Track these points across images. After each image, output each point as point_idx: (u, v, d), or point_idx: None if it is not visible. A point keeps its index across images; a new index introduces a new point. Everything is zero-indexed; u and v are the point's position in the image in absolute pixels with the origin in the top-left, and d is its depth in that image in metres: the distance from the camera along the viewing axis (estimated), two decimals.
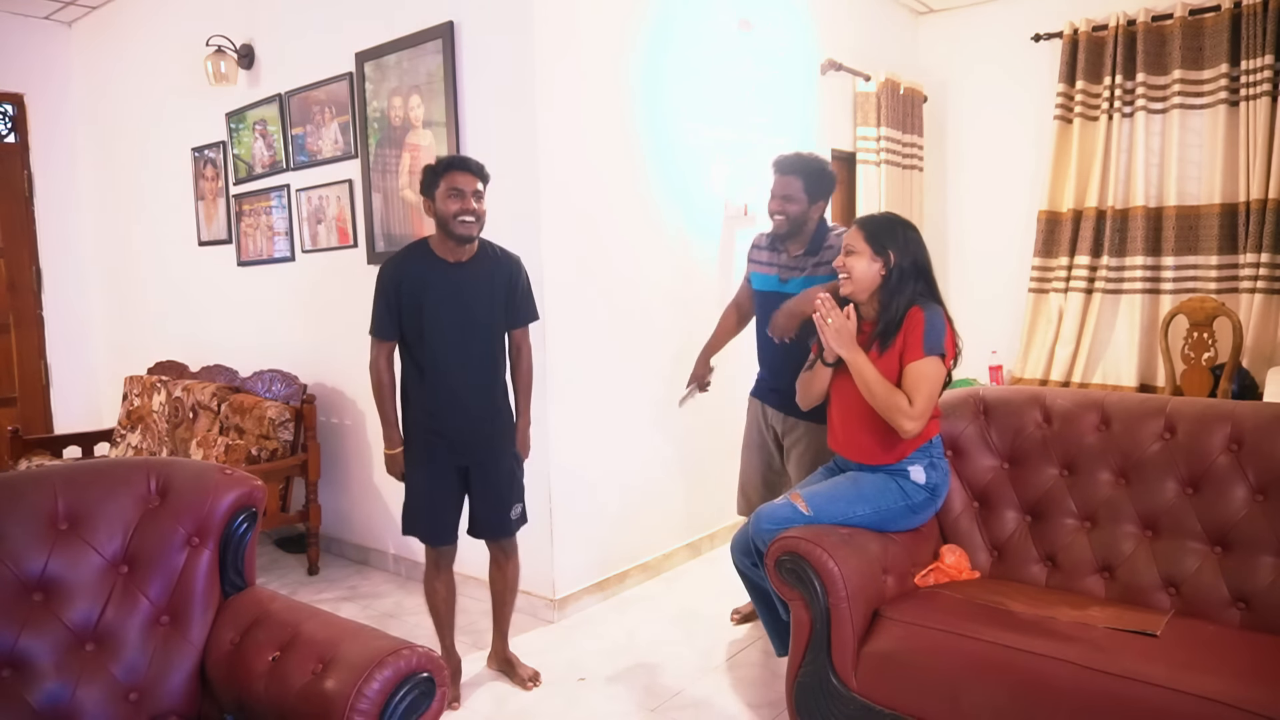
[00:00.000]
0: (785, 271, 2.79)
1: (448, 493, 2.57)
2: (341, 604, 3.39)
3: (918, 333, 2.17)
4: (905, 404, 2.13)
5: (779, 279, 2.80)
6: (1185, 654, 1.79)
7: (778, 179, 2.74)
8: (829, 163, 2.82)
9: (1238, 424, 2.12)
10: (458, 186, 2.38)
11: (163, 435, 4.21)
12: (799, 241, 2.78)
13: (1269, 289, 4.16)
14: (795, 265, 2.78)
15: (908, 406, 2.13)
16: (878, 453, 2.26)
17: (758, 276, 2.90)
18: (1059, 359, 4.75)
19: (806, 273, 2.74)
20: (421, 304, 2.45)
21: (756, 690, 2.62)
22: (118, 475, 1.79)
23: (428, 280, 2.45)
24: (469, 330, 2.49)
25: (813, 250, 2.75)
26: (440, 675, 1.51)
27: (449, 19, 3.21)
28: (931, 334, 2.16)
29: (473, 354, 2.51)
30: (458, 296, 2.46)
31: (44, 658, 1.59)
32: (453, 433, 2.51)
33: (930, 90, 5.26)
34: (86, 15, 5.11)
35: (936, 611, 2.05)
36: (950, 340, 2.22)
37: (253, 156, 4.20)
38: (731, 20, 3.86)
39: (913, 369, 2.16)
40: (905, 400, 2.14)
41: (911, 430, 2.15)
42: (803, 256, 2.76)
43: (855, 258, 2.26)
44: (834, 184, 2.79)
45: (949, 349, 2.21)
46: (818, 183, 2.72)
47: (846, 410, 2.31)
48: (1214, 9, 4.28)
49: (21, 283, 5.17)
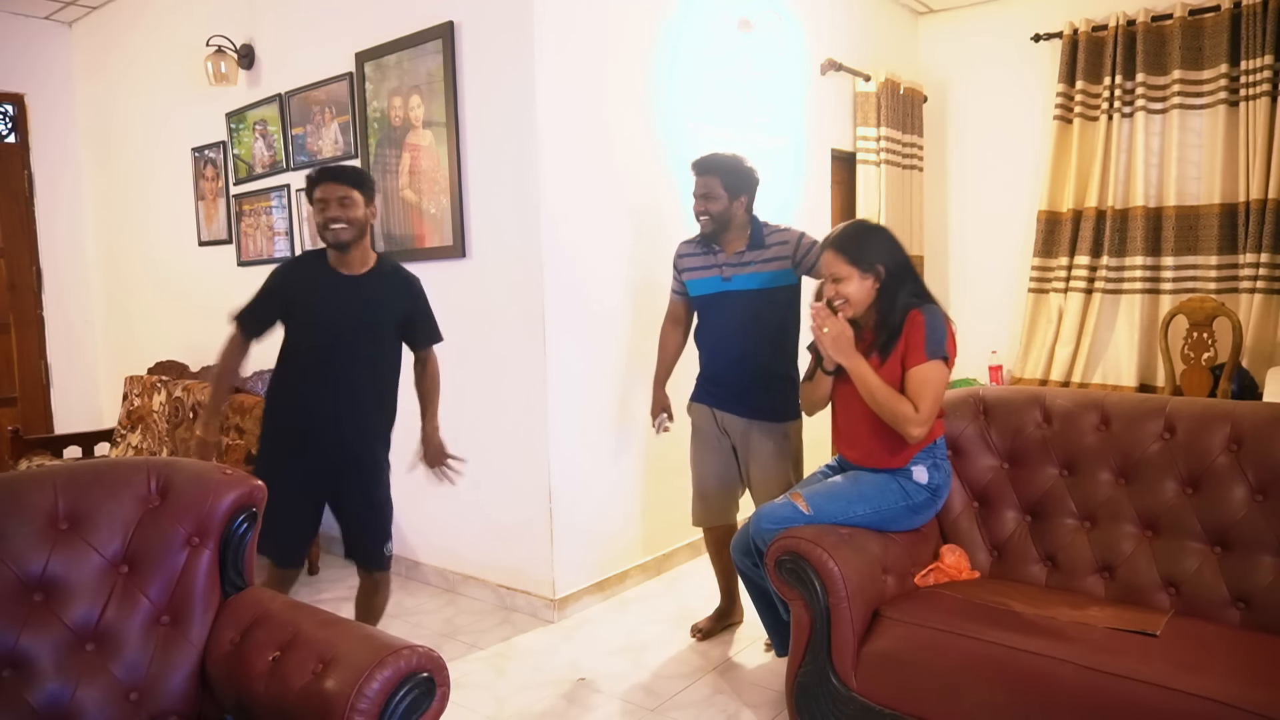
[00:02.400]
0: (728, 269, 2.76)
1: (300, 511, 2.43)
2: (341, 604, 3.39)
3: (919, 336, 2.16)
4: (910, 410, 2.12)
5: (721, 278, 2.77)
6: (1185, 654, 1.80)
7: (696, 180, 2.74)
8: (746, 159, 2.78)
9: (1237, 424, 2.12)
10: (322, 197, 2.36)
11: (163, 435, 4.21)
12: (735, 238, 2.75)
13: (1269, 289, 4.16)
14: (738, 262, 2.75)
15: (913, 413, 2.12)
16: (885, 457, 2.25)
17: (694, 283, 2.85)
18: (1059, 359, 4.75)
19: (755, 268, 2.72)
20: (308, 307, 2.39)
21: (756, 690, 2.62)
22: (118, 475, 1.79)
23: (315, 288, 2.40)
24: (356, 338, 2.40)
25: (755, 245, 2.74)
26: (441, 675, 1.51)
27: (449, 19, 3.21)
28: (933, 337, 2.15)
29: (354, 369, 2.41)
30: (350, 304, 2.39)
31: (44, 658, 1.58)
32: (318, 444, 2.40)
33: (930, 90, 5.26)
34: (86, 15, 5.11)
35: (936, 611, 2.05)
36: (952, 342, 2.21)
37: (253, 156, 4.20)
38: (731, 20, 3.86)
39: (916, 373, 2.15)
40: (910, 407, 2.13)
41: (917, 436, 2.15)
42: (745, 252, 2.74)
43: (845, 282, 2.22)
44: (754, 180, 2.76)
45: (950, 351, 2.20)
46: (735, 178, 2.71)
47: (851, 415, 2.31)
48: (1214, 9, 4.28)
49: (21, 283, 5.17)
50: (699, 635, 3.01)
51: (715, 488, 2.91)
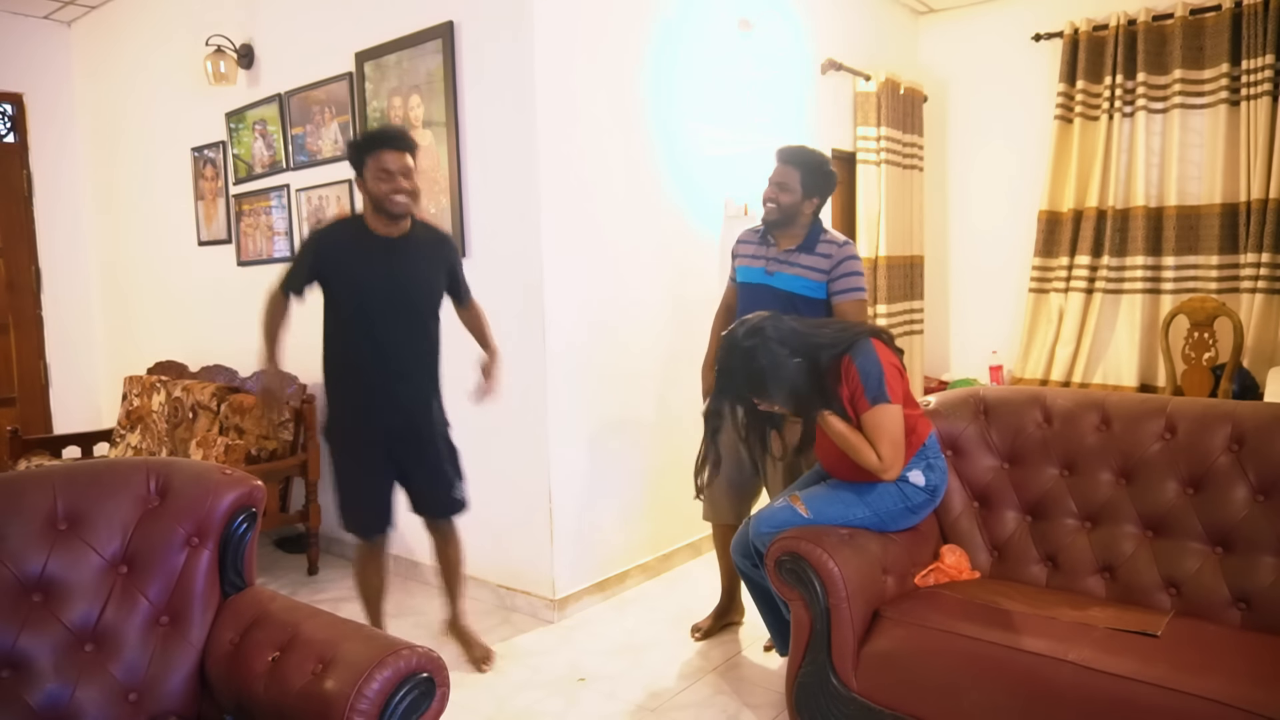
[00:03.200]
0: (772, 264, 2.75)
1: (379, 478, 2.53)
2: (341, 604, 3.39)
3: (856, 384, 2.13)
4: (874, 459, 2.12)
5: (765, 270, 2.77)
6: (1186, 654, 1.79)
7: (777, 167, 2.72)
8: (831, 161, 2.79)
9: (1238, 424, 2.12)
10: (385, 167, 2.35)
11: (162, 435, 4.21)
12: (792, 235, 2.75)
13: (1269, 289, 4.16)
14: (785, 259, 2.74)
15: (877, 461, 2.12)
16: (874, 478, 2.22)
17: (742, 270, 2.86)
18: (1059, 359, 4.75)
19: (797, 271, 2.71)
20: (349, 276, 2.42)
21: (756, 690, 2.62)
22: (117, 475, 1.78)
23: (354, 253, 2.41)
24: (399, 305, 2.44)
25: (806, 248, 2.72)
26: (441, 675, 1.51)
27: (449, 19, 3.21)
28: (869, 383, 2.12)
29: (400, 329, 2.46)
30: (389, 271, 2.42)
31: (43, 658, 1.58)
32: (385, 406, 2.47)
33: (930, 90, 5.26)
34: (86, 15, 5.11)
35: (936, 611, 2.05)
36: (893, 377, 2.15)
37: (253, 156, 4.20)
38: (731, 20, 3.86)
39: (866, 421, 2.13)
40: (873, 455, 2.12)
41: (891, 476, 2.15)
42: (795, 251, 2.73)
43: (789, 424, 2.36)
44: (833, 184, 2.76)
45: (893, 387, 2.14)
46: (814, 177, 2.70)
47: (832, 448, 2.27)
48: (1215, 8, 4.28)
49: (21, 283, 5.17)
50: (699, 635, 3.00)
51: (725, 487, 2.89)
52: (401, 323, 2.46)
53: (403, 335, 2.47)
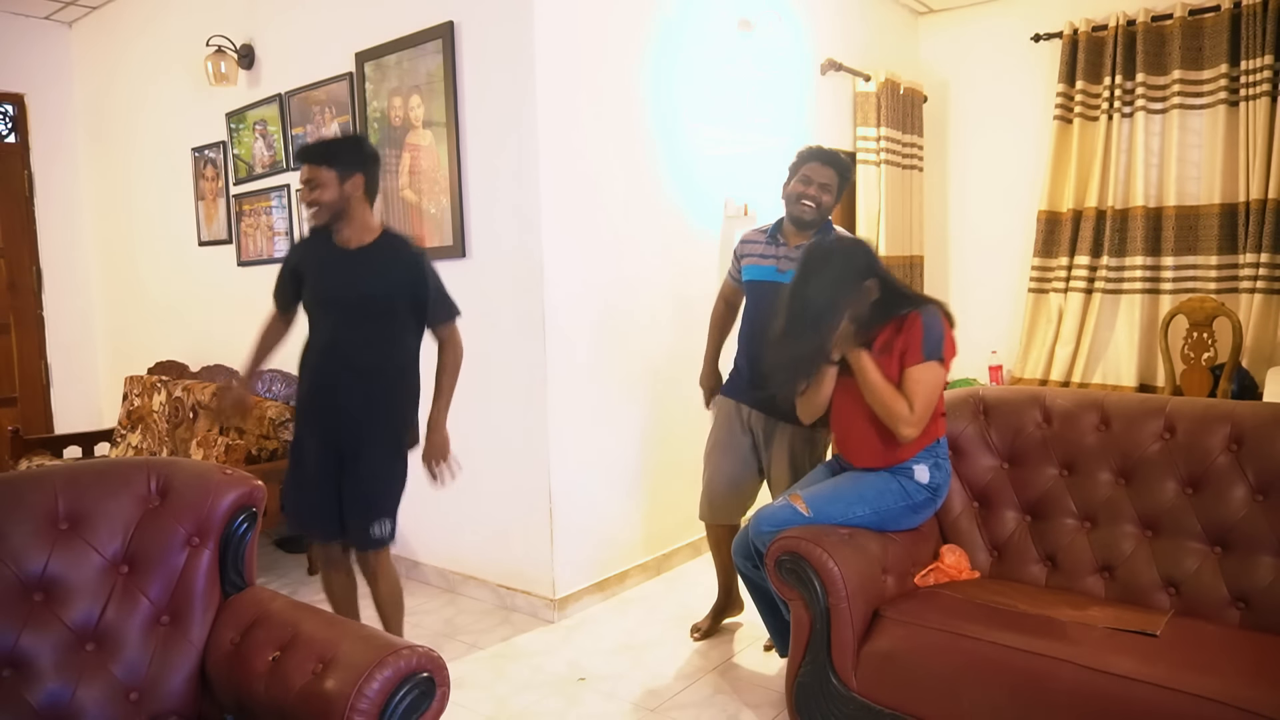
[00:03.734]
0: (785, 263, 2.76)
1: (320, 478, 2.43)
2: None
3: (917, 337, 2.17)
4: (905, 409, 2.14)
5: (777, 269, 2.78)
6: (1185, 654, 1.80)
7: (817, 167, 2.72)
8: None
9: (1237, 424, 2.12)
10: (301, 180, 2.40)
11: (163, 435, 4.21)
12: (807, 235, 2.76)
13: (1269, 289, 4.16)
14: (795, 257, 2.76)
15: (907, 412, 2.14)
16: (883, 456, 2.25)
17: (751, 268, 2.86)
18: (1059, 359, 4.75)
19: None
20: (310, 281, 2.47)
21: (756, 690, 2.62)
22: (118, 475, 1.79)
23: (319, 259, 2.46)
24: (351, 313, 2.41)
25: None
26: (441, 675, 1.51)
27: (449, 19, 3.21)
28: (930, 338, 2.17)
29: (345, 341, 2.42)
30: (339, 282, 2.42)
31: (44, 658, 1.59)
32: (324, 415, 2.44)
33: (930, 90, 5.26)
34: (86, 15, 5.11)
35: (936, 611, 2.05)
36: (950, 344, 2.22)
37: (253, 156, 4.20)
38: (731, 20, 3.86)
39: (911, 374, 2.17)
40: (905, 405, 2.15)
41: (909, 435, 2.16)
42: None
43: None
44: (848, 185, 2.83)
45: (948, 353, 2.21)
46: (844, 181, 2.77)
47: (852, 416, 2.31)
48: (1214, 9, 4.28)
49: (21, 283, 5.17)
50: (698, 635, 3.01)
51: (724, 487, 2.90)
52: (343, 334, 2.42)
53: (347, 347, 2.42)
